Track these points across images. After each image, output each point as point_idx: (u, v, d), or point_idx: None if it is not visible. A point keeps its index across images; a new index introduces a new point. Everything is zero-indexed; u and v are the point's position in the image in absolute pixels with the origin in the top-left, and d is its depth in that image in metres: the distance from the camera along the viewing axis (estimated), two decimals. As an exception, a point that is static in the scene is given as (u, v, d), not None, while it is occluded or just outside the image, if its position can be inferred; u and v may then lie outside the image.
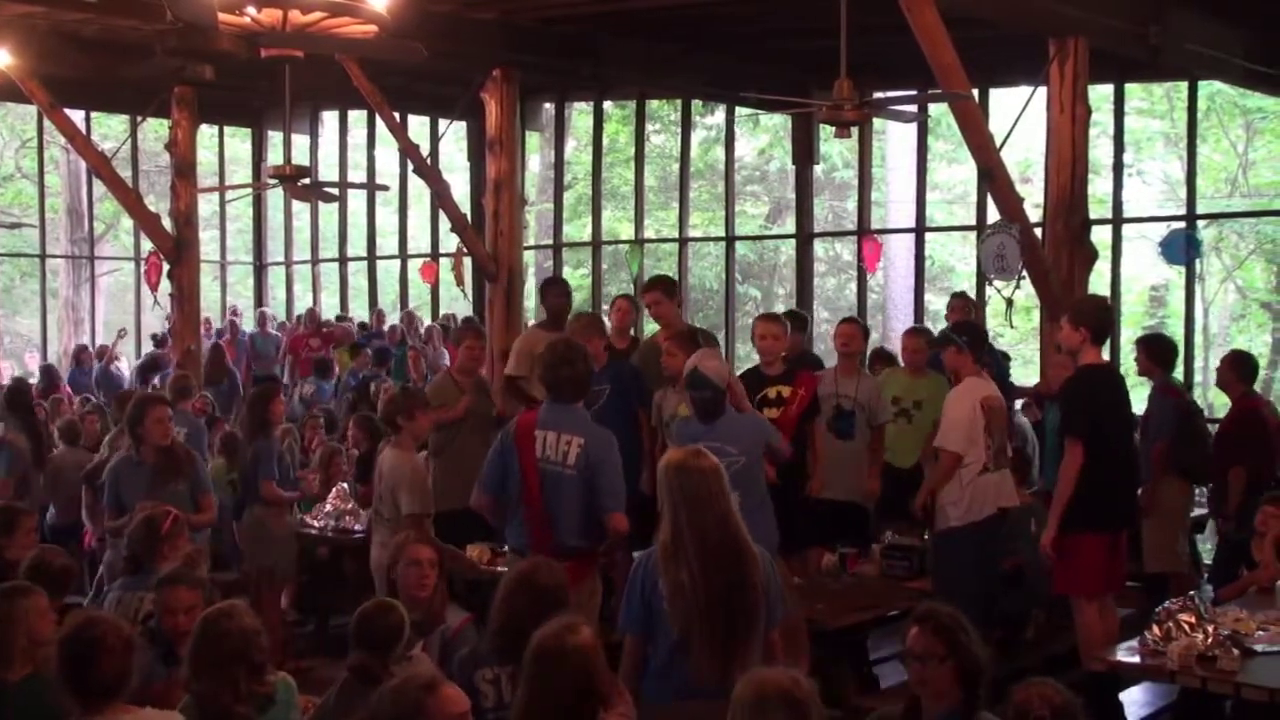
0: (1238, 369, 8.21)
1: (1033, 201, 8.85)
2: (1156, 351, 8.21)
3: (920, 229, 13.80)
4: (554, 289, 8.96)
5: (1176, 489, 8.01)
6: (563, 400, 5.70)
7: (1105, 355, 7.12)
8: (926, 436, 7.58)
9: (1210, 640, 5.00)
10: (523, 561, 4.87)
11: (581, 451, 5.55)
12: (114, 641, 3.67)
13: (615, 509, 5.54)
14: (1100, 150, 13.04)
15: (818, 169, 15.31)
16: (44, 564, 5.08)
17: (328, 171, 17.43)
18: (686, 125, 15.47)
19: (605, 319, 8.36)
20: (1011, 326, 9.84)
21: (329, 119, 17.79)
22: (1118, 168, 12.40)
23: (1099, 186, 12.35)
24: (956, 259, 21.29)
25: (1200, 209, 13.44)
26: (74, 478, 9.03)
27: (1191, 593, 5.54)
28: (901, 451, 7.96)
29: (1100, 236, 9.65)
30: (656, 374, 7.32)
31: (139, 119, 15.28)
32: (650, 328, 10.37)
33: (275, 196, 17.61)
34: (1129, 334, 12.39)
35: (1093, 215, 8.82)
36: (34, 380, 14.08)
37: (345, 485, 8.77)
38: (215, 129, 18.73)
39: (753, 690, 3.19)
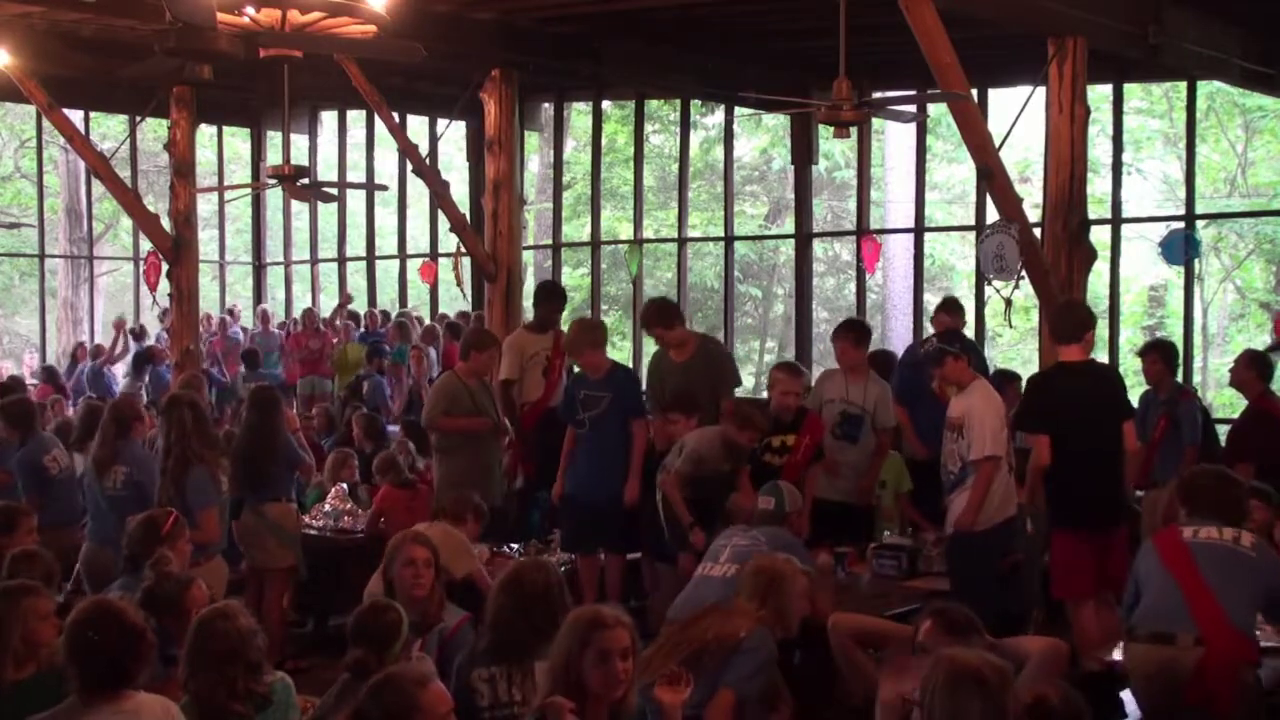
0: (1256, 367, 8.23)
1: (1032, 201, 8.85)
2: (1171, 357, 8.30)
3: (919, 229, 13.80)
4: (554, 302, 9.01)
5: None
6: None
7: (1104, 355, 7.14)
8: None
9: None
10: (514, 561, 4.95)
11: None
12: (121, 628, 3.66)
13: None
14: (1099, 150, 13.05)
15: (817, 169, 15.29)
16: (30, 561, 5.07)
17: (326, 171, 17.42)
18: (686, 125, 15.46)
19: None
20: (1010, 326, 9.84)
21: (328, 119, 17.78)
22: (1116, 167, 12.39)
23: (1098, 186, 12.35)
24: (956, 258, 21.30)
25: (1199, 209, 13.45)
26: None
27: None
28: None
29: (1099, 236, 9.65)
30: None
31: (138, 119, 15.28)
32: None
33: (274, 196, 17.61)
34: (1128, 334, 12.40)
35: (1092, 215, 8.83)
36: (32, 382, 14.10)
37: (345, 485, 8.76)
38: (214, 129, 18.75)
39: (944, 672, 3.21)
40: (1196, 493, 5.18)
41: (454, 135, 16.06)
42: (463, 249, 12.80)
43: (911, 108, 9.81)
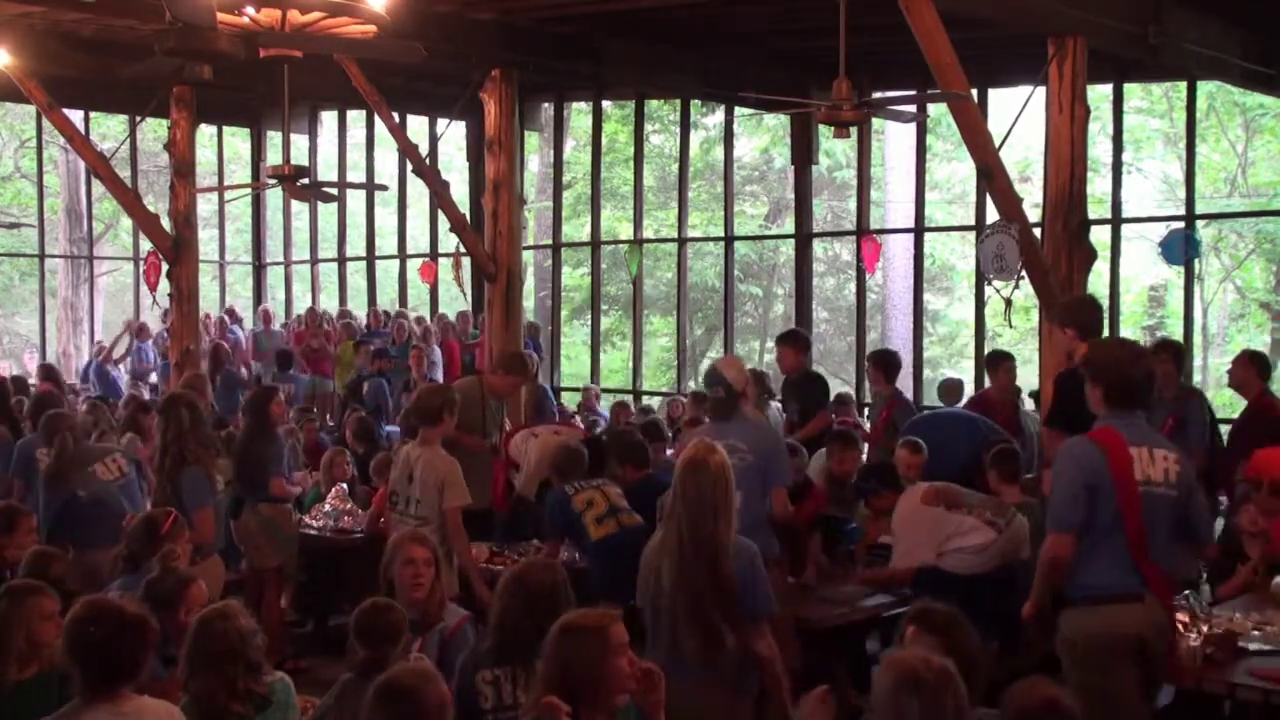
0: (1256, 367, 8.23)
1: (1032, 201, 8.85)
2: (1181, 358, 8.31)
3: (919, 229, 13.80)
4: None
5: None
6: None
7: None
8: None
9: (1205, 640, 5.00)
10: (518, 561, 4.95)
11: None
12: (121, 626, 3.64)
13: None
14: (1099, 150, 13.05)
15: (817, 169, 15.30)
16: (46, 567, 5.06)
17: (326, 171, 17.43)
18: (686, 125, 15.47)
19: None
20: (1010, 326, 9.83)
21: (328, 119, 17.79)
22: (1116, 167, 12.40)
23: (1098, 186, 12.36)
24: (956, 257, 21.31)
25: (1199, 209, 13.45)
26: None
27: (1187, 592, 5.52)
28: None
29: (1099, 236, 9.66)
30: None
31: (138, 119, 15.29)
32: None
33: (274, 196, 17.62)
34: (1128, 334, 12.39)
35: (1092, 215, 8.83)
36: (32, 381, 14.09)
37: (344, 485, 8.77)
38: (214, 129, 18.76)
39: (888, 677, 3.19)
40: (1106, 371, 4.72)
41: (454, 135, 16.06)
42: (463, 249, 12.81)
43: (911, 108, 9.81)
